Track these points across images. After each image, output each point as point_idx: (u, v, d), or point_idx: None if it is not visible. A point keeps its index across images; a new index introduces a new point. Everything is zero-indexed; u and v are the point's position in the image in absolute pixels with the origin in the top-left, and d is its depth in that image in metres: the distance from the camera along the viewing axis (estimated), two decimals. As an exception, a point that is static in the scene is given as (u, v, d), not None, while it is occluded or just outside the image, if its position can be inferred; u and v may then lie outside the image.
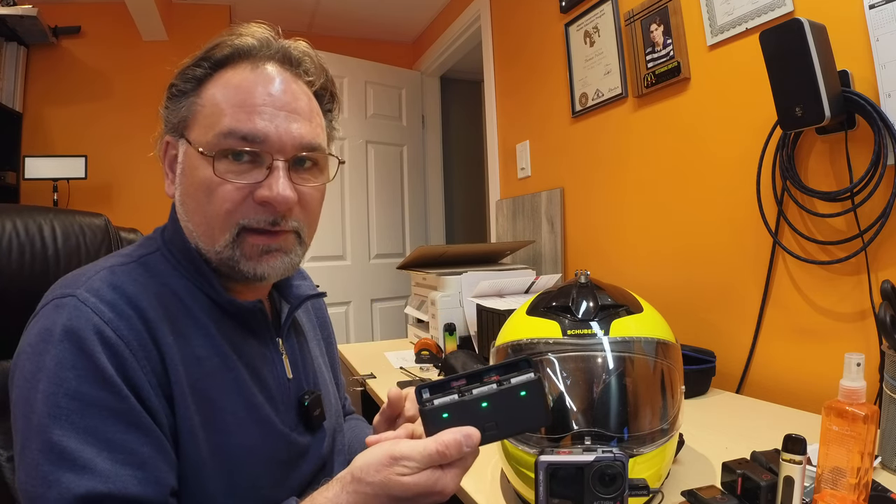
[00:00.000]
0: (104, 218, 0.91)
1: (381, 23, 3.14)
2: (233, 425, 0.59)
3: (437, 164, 3.42)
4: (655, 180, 1.48)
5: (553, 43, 1.90)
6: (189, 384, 0.56)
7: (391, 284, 3.08)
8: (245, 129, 0.57)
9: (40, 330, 0.53)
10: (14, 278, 0.76)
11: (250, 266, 0.60)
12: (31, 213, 0.82)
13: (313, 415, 0.68)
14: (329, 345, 0.85)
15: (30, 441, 0.49)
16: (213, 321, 0.61)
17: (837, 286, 1.05)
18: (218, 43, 0.61)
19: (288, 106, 0.60)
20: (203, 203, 0.59)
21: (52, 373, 0.50)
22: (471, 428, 0.50)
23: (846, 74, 0.98)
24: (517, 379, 0.52)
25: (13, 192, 2.46)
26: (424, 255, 1.70)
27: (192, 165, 0.60)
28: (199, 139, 0.59)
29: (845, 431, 0.59)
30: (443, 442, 0.49)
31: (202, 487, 0.56)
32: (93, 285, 0.55)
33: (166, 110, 0.63)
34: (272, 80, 0.60)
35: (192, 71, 0.61)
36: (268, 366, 0.65)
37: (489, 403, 0.51)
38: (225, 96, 0.59)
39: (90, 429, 0.49)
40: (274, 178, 0.58)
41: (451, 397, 0.51)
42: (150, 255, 0.63)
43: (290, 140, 0.59)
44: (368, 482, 0.49)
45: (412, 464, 0.48)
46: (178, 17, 2.81)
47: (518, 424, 0.53)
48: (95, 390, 0.50)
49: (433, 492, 0.49)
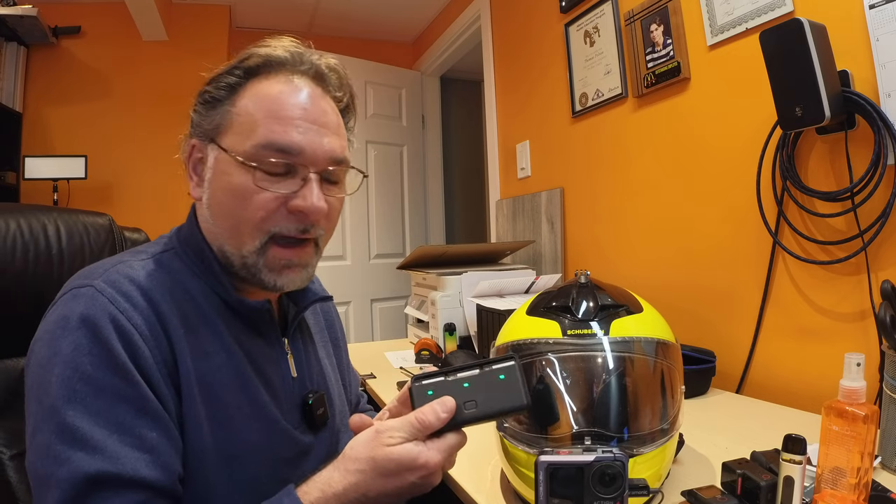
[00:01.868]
0: (108, 217, 0.91)
1: (381, 23, 3.14)
2: (237, 420, 0.60)
3: (437, 164, 3.42)
4: (656, 180, 1.48)
5: (553, 43, 1.90)
6: (196, 377, 0.58)
7: (391, 284, 3.08)
8: (283, 142, 0.60)
9: (58, 317, 0.55)
10: (18, 277, 0.76)
11: (271, 277, 0.63)
12: (35, 213, 0.82)
13: (316, 414, 0.70)
14: (337, 347, 0.86)
15: (43, 423, 0.51)
16: (221, 319, 0.63)
17: (837, 286, 1.05)
18: (250, 53, 0.64)
19: (319, 121, 0.63)
20: (235, 209, 0.61)
21: (68, 358, 0.52)
22: (446, 396, 0.54)
23: (846, 74, 0.98)
24: (497, 365, 0.57)
25: (13, 192, 2.46)
26: (424, 255, 1.70)
27: (225, 171, 0.62)
28: (235, 147, 0.61)
29: (845, 431, 0.59)
30: (420, 409, 0.53)
31: (204, 477, 0.57)
32: (110, 277, 0.58)
33: (198, 115, 0.65)
34: (305, 95, 0.63)
35: (226, 78, 0.63)
36: (273, 364, 0.67)
37: (470, 384, 0.56)
38: (259, 107, 0.61)
39: (103, 412, 0.51)
40: (308, 189, 0.61)
41: (437, 378, 0.57)
42: (165, 252, 0.65)
43: (322, 154, 0.62)
44: (356, 458, 0.53)
45: (395, 433, 0.52)
46: (178, 17, 2.81)
47: (497, 404, 0.55)
48: (109, 376, 0.52)
49: (418, 464, 0.52)
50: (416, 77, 3.30)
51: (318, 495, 0.52)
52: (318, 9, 2.92)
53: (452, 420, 0.53)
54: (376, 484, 0.52)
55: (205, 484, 0.57)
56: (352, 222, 2.97)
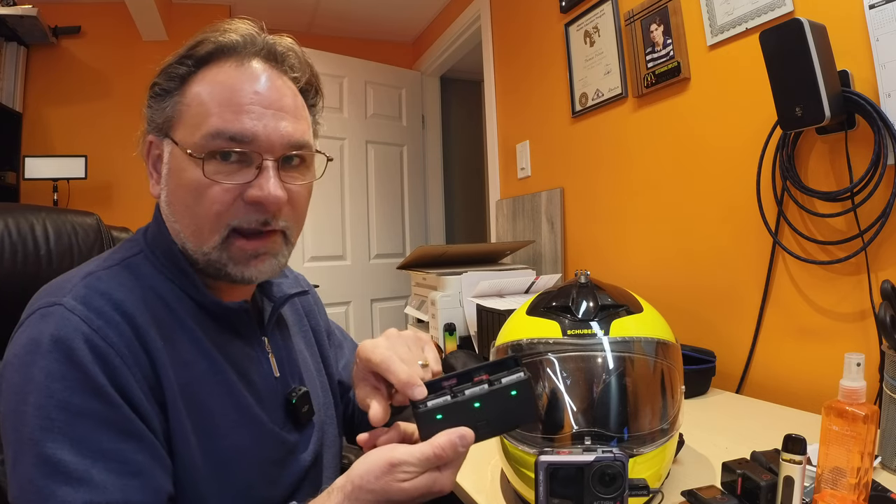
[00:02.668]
0: (96, 217, 0.90)
1: (381, 23, 3.14)
2: (223, 427, 0.59)
3: (437, 164, 3.41)
4: (656, 180, 1.48)
5: (553, 43, 1.90)
6: (179, 388, 0.56)
7: (391, 284, 3.07)
8: (233, 130, 0.57)
9: (27, 341, 0.51)
10: (6, 278, 0.76)
11: (238, 270, 0.60)
12: (23, 213, 0.82)
13: (301, 412, 0.68)
14: (317, 333, 0.83)
15: (22, 455, 0.48)
16: (198, 324, 0.60)
17: (837, 286, 1.05)
18: (201, 40, 0.60)
19: (275, 104, 0.59)
20: (191, 205, 0.58)
21: (41, 385, 0.49)
22: (464, 428, 0.51)
23: (846, 74, 0.98)
24: (508, 379, 0.53)
25: (13, 192, 2.45)
26: (424, 255, 1.70)
27: (179, 167, 0.59)
28: (185, 140, 0.58)
29: (845, 431, 0.59)
30: (439, 445, 0.50)
31: (196, 490, 0.56)
32: (79, 293, 0.54)
33: (150, 109, 0.62)
34: (258, 78, 0.59)
35: (176, 69, 0.60)
36: (254, 366, 0.65)
37: (481, 404, 0.53)
38: (210, 95, 0.58)
39: (83, 440, 0.49)
40: (264, 177, 0.58)
41: (443, 398, 0.53)
42: (134, 257, 0.62)
43: (278, 139, 0.58)
44: (369, 489, 0.50)
45: (411, 468, 0.50)
46: (178, 16, 2.81)
47: (508, 422, 0.54)
48: (87, 401, 0.49)
49: (432, 491, 0.51)
50: (416, 77, 3.30)
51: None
52: (317, 9, 2.92)
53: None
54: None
55: (197, 495, 0.56)
56: (352, 222, 2.97)
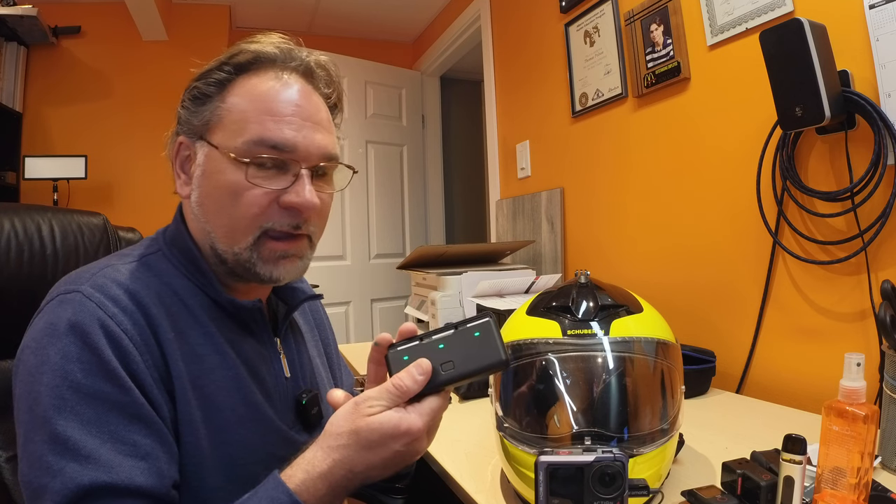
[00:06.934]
0: (103, 217, 0.91)
1: (381, 23, 3.14)
2: (232, 422, 0.60)
3: (437, 164, 3.42)
4: (655, 180, 1.48)
5: (553, 43, 1.90)
6: (189, 380, 0.58)
7: (391, 284, 3.07)
8: (276, 139, 0.60)
9: (45, 325, 0.54)
10: (13, 277, 0.76)
11: (267, 269, 0.62)
12: (29, 213, 0.82)
13: (311, 413, 0.70)
14: (327, 345, 0.86)
15: (34, 433, 0.50)
16: (212, 320, 0.62)
17: (837, 286, 1.05)
18: (240, 49, 0.64)
19: (313, 117, 0.63)
20: (227, 206, 0.61)
21: (57, 366, 0.51)
22: (421, 359, 0.53)
23: (846, 74, 0.98)
24: (472, 323, 0.55)
25: (13, 192, 2.46)
26: (424, 255, 1.70)
27: (216, 168, 0.61)
28: (226, 143, 0.60)
29: (845, 431, 0.59)
30: (397, 375, 0.52)
31: (202, 481, 0.57)
32: (97, 282, 0.57)
33: (186, 111, 0.64)
34: (297, 92, 0.63)
35: (216, 74, 0.63)
36: (266, 364, 0.67)
37: (445, 345, 0.55)
38: (251, 103, 0.61)
39: (94, 420, 0.50)
40: (301, 184, 0.61)
41: (412, 343, 0.55)
42: (152, 254, 0.64)
43: (315, 150, 0.62)
44: (338, 433, 0.52)
45: (374, 402, 0.52)
46: (177, 17, 2.81)
47: (475, 362, 0.54)
48: (100, 383, 0.51)
49: (400, 431, 0.51)
50: (416, 77, 3.30)
51: (303, 477, 0.51)
52: (318, 9, 2.92)
53: (430, 382, 0.53)
54: (361, 457, 0.51)
55: (202, 487, 0.57)
56: (352, 222, 2.97)
